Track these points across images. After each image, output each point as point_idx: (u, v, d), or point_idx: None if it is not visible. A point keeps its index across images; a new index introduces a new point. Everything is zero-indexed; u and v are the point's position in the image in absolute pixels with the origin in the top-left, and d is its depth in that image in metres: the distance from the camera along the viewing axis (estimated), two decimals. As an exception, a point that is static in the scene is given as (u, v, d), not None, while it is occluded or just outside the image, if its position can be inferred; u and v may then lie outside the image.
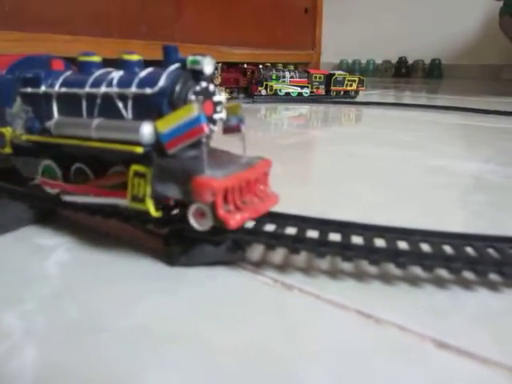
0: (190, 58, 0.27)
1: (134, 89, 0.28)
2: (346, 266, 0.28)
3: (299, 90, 1.35)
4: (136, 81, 0.28)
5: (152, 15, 1.44)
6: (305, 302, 0.25)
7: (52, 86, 0.32)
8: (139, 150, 0.26)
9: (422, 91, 1.86)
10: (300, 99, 1.34)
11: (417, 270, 0.27)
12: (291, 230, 0.29)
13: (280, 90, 1.33)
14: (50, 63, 0.34)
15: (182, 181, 0.26)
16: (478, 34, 2.31)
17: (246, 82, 1.36)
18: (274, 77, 1.32)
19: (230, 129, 0.29)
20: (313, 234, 0.29)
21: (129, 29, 1.37)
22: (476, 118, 1.03)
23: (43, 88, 0.32)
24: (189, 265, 0.28)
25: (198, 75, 0.27)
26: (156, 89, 0.26)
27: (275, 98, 1.34)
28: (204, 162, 0.25)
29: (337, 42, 2.80)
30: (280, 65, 1.37)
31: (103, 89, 0.29)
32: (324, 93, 1.37)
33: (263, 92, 1.32)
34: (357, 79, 1.37)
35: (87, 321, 0.23)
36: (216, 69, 1.37)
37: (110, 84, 0.29)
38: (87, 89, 0.30)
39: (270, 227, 0.29)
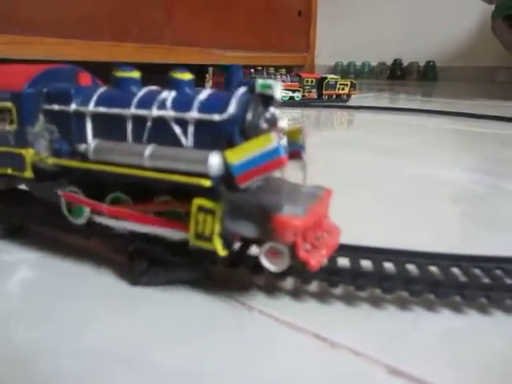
0: (260, 81, 0.24)
1: (195, 113, 0.25)
2: (310, 286, 0.28)
3: (291, 93, 1.34)
4: (196, 104, 0.25)
5: (143, 18, 1.42)
6: (264, 324, 0.25)
7: (85, 103, 0.28)
8: (206, 183, 0.24)
9: (417, 94, 1.90)
10: (292, 103, 1.34)
11: (379, 291, 0.27)
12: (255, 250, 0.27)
13: None
14: (76, 76, 0.30)
15: (259, 218, 0.24)
16: (473, 36, 2.33)
17: None
18: None
19: (289, 156, 0.27)
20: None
21: (120, 31, 1.35)
22: (467, 122, 1.05)
23: (74, 106, 0.28)
24: (151, 284, 0.28)
25: (267, 100, 0.25)
26: (226, 115, 0.24)
27: None
28: (283, 197, 0.23)
29: (331, 45, 2.82)
30: (272, 68, 1.37)
31: (155, 111, 0.26)
32: (316, 97, 1.37)
33: None
34: (349, 83, 1.38)
35: (39, 344, 0.22)
36: (207, 72, 1.34)
37: (163, 106, 0.26)
38: (133, 110, 0.26)
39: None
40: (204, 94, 0.25)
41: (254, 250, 0.27)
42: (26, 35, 1.04)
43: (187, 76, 0.27)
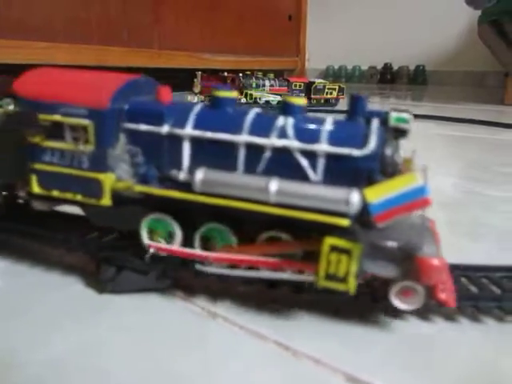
0: (395, 115, 0.23)
1: (326, 146, 0.23)
2: (276, 294, 0.27)
3: (279, 98, 1.33)
4: (325, 135, 0.23)
5: (132, 22, 1.40)
6: (227, 332, 0.25)
7: (180, 125, 0.25)
8: (345, 222, 0.22)
9: (407, 98, 1.94)
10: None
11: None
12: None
13: (260, 99, 1.31)
14: (157, 91, 0.27)
15: (399, 259, 0.23)
16: (462, 40, 2.36)
17: None
18: (253, 85, 1.30)
19: None
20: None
21: (109, 35, 1.33)
22: (455, 127, 1.07)
23: (167, 127, 0.25)
24: (117, 292, 0.28)
25: (398, 134, 0.24)
26: (367, 151, 0.22)
27: (255, 106, 1.29)
28: (422, 237, 0.22)
29: (323, 49, 2.80)
30: (260, 73, 1.36)
31: (277, 140, 0.23)
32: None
33: (243, 100, 1.29)
34: (337, 87, 1.40)
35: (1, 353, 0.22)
36: (195, 77, 1.27)
37: (283, 134, 0.24)
38: (248, 137, 0.24)
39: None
40: (329, 124, 0.24)
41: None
42: (13, 39, 1.00)
43: (301, 101, 0.25)
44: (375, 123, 0.23)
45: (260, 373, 0.22)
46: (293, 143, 0.23)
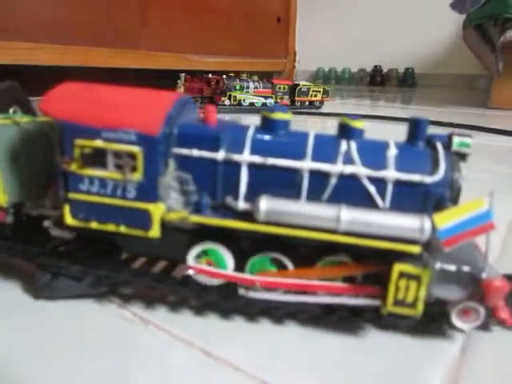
0: (458, 140, 0.24)
1: (394, 172, 0.23)
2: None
3: (263, 100, 1.33)
4: (391, 161, 0.23)
5: (118, 23, 1.39)
6: (155, 339, 0.25)
7: (237, 150, 0.24)
8: (416, 249, 0.22)
9: (396, 101, 1.94)
10: (264, 109, 1.29)
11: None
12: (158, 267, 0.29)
13: (244, 100, 1.30)
14: (205, 113, 0.25)
15: (466, 282, 0.23)
16: (451, 43, 2.37)
17: (210, 92, 1.31)
18: (237, 87, 1.29)
19: None
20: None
21: (94, 36, 1.32)
22: (442, 131, 1.07)
23: (223, 153, 0.24)
24: (52, 298, 0.28)
25: (459, 158, 0.24)
26: (438, 177, 0.22)
27: (239, 108, 1.30)
28: (486, 260, 0.23)
29: (313, 51, 2.79)
30: (244, 75, 1.35)
31: (344, 167, 0.23)
32: (289, 103, 1.37)
33: (227, 102, 1.28)
34: (321, 90, 1.41)
35: None
36: (179, 78, 1.26)
37: (349, 160, 0.23)
38: (312, 163, 0.23)
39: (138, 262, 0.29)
40: (393, 149, 0.24)
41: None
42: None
43: (361, 124, 0.24)
44: (441, 149, 0.23)
45: (178, 379, 0.22)
46: (361, 170, 0.23)
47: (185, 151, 0.24)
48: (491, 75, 1.51)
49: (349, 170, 0.23)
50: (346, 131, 0.24)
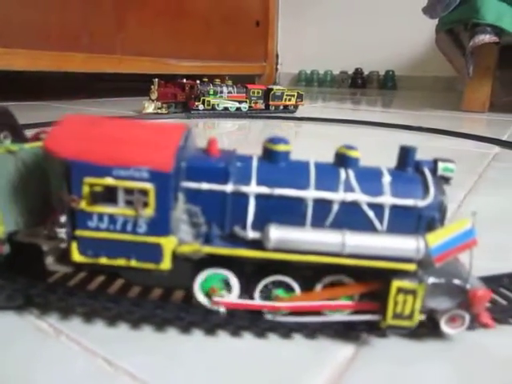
0: (442, 164, 0.26)
1: (390, 198, 0.25)
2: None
3: (237, 104, 1.35)
4: (387, 187, 0.25)
5: (93, 27, 1.40)
6: (63, 349, 0.26)
7: (244, 182, 0.25)
8: (412, 267, 0.25)
9: (377, 104, 1.98)
10: (239, 114, 1.34)
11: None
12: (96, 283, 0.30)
13: (218, 105, 1.32)
14: (208, 144, 0.26)
15: (455, 293, 0.26)
16: (431, 46, 2.29)
17: (184, 97, 1.32)
18: (211, 92, 1.30)
19: None
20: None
21: (69, 41, 1.33)
22: (418, 136, 1.08)
23: (231, 185, 0.25)
24: None
25: (444, 181, 0.27)
26: (429, 201, 0.25)
27: (213, 112, 1.31)
28: (470, 272, 0.26)
29: (295, 54, 2.79)
30: (218, 80, 1.36)
31: (346, 194, 0.25)
32: (264, 107, 1.39)
33: (201, 107, 1.29)
34: (295, 94, 1.43)
35: None
36: (152, 84, 1.25)
37: (350, 188, 0.25)
38: (316, 192, 0.25)
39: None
40: (387, 176, 0.26)
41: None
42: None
43: (357, 154, 0.26)
44: (428, 174, 0.26)
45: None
46: (361, 197, 0.25)
47: (194, 185, 0.25)
48: (463, 79, 1.58)
49: (350, 197, 0.25)
50: (343, 160, 0.26)
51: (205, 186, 0.25)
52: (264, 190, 0.25)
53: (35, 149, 0.27)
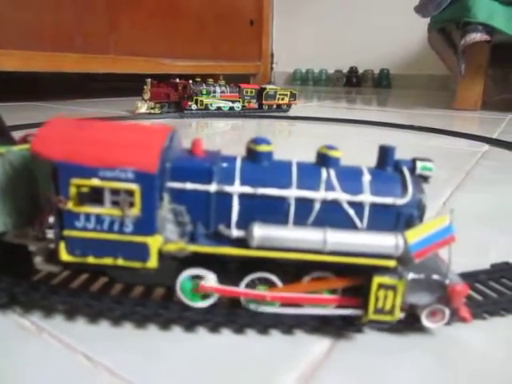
0: (421, 164, 0.27)
1: (370, 196, 0.26)
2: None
3: (230, 104, 1.35)
4: (367, 186, 0.26)
5: (86, 28, 1.42)
6: (44, 345, 0.27)
7: (227, 182, 0.26)
8: (392, 263, 0.26)
9: (372, 103, 1.98)
10: (232, 114, 1.35)
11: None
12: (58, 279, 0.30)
13: (211, 105, 1.32)
14: (192, 145, 0.27)
15: (434, 288, 0.27)
16: (425, 45, 2.25)
17: (177, 97, 1.32)
18: (204, 92, 1.31)
19: None
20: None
21: (62, 42, 1.35)
22: (403, 134, 1.09)
23: (215, 185, 0.25)
24: None
25: (423, 180, 0.28)
26: (407, 199, 0.26)
27: (206, 112, 1.32)
28: (448, 268, 0.27)
29: (290, 53, 2.80)
30: (211, 80, 1.36)
31: (326, 193, 0.26)
32: (257, 107, 1.40)
33: (194, 107, 1.30)
34: (288, 93, 1.44)
35: None
36: (145, 84, 1.26)
37: (331, 187, 0.26)
38: (298, 191, 0.26)
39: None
40: (367, 175, 0.27)
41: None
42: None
43: (338, 153, 0.27)
44: (407, 173, 0.27)
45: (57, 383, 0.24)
46: (341, 195, 0.26)
47: (178, 185, 0.25)
48: (455, 77, 1.58)
49: (331, 196, 0.26)
50: (324, 160, 0.27)
51: (189, 185, 0.25)
52: (247, 189, 0.25)
53: (23, 151, 0.28)
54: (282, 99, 1.44)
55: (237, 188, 0.26)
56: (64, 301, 0.28)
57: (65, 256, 0.25)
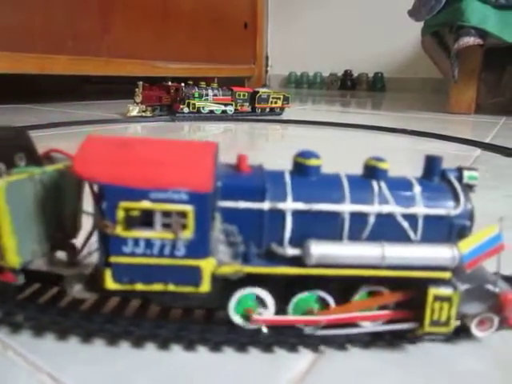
0: (468, 173, 0.27)
1: (423, 208, 0.25)
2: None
3: (223, 107, 1.35)
4: (419, 198, 0.26)
5: (78, 30, 1.41)
6: (8, 364, 0.26)
7: (281, 199, 0.25)
8: (448, 275, 0.25)
9: (367, 106, 1.97)
10: (225, 117, 1.34)
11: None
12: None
13: (203, 108, 1.32)
14: (238, 161, 0.25)
15: (485, 297, 0.27)
16: (419, 48, 2.22)
17: (169, 100, 1.31)
18: (196, 95, 1.30)
19: None
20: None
21: (53, 44, 1.33)
22: (396, 138, 1.09)
23: (268, 203, 0.24)
24: None
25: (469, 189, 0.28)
26: (460, 210, 0.26)
27: (198, 116, 1.31)
28: (498, 276, 0.27)
29: (285, 56, 2.81)
30: (203, 83, 1.36)
31: (381, 207, 0.25)
32: (250, 110, 1.40)
33: (186, 110, 1.29)
34: (281, 96, 1.44)
35: None
36: (137, 87, 1.24)
37: (385, 201, 0.25)
38: (352, 206, 0.25)
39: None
40: (417, 186, 0.26)
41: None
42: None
43: (387, 165, 0.27)
44: (456, 182, 0.26)
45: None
46: (396, 208, 0.25)
47: (230, 204, 0.24)
48: (449, 81, 1.59)
49: (386, 209, 0.25)
50: (373, 172, 0.26)
51: (242, 204, 0.24)
52: (301, 206, 0.25)
53: (53, 171, 0.26)
54: (275, 102, 1.44)
55: (290, 205, 0.25)
56: (30, 317, 0.27)
57: (111, 284, 0.24)
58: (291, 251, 0.25)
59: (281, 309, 0.27)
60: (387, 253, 0.25)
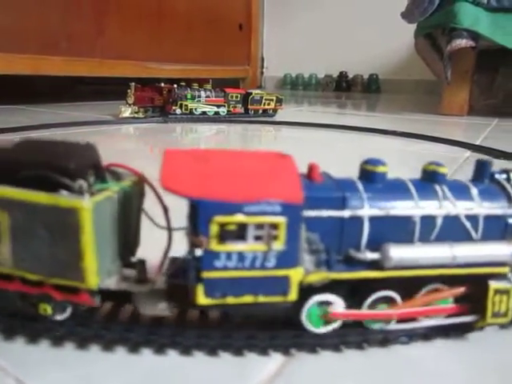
0: (515, 175, 0.29)
1: (485, 209, 0.27)
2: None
3: (216, 109, 1.34)
4: (478, 199, 0.28)
5: (72, 31, 1.39)
6: None
7: (359, 206, 0.26)
8: (507, 270, 0.28)
9: (362, 108, 1.98)
10: (218, 118, 1.34)
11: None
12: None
13: (196, 109, 1.30)
14: (311, 170, 0.26)
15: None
16: (414, 50, 2.15)
17: (161, 101, 1.29)
18: (188, 96, 1.29)
19: None
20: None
21: (47, 44, 1.31)
22: (387, 139, 1.10)
23: (348, 211, 0.25)
24: None
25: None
26: (514, 209, 0.28)
27: (190, 117, 1.30)
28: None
29: (280, 57, 2.80)
30: (195, 84, 1.34)
31: (447, 209, 0.27)
32: (243, 111, 1.40)
33: (178, 111, 1.27)
34: (274, 98, 1.44)
35: None
36: (129, 88, 1.21)
37: (449, 203, 0.27)
38: (422, 209, 0.26)
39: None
40: (474, 188, 0.28)
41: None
42: None
43: (445, 170, 0.28)
44: (507, 184, 0.29)
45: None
46: (461, 210, 0.27)
47: (315, 213, 0.25)
48: (441, 82, 1.61)
49: (453, 211, 0.27)
50: (433, 176, 0.28)
51: (324, 213, 0.25)
52: (377, 212, 0.26)
53: (129, 187, 0.25)
54: (268, 104, 1.44)
55: (367, 211, 0.26)
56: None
57: (203, 300, 0.24)
58: (371, 255, 0.26)
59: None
60: (457, 252, 0.26)
